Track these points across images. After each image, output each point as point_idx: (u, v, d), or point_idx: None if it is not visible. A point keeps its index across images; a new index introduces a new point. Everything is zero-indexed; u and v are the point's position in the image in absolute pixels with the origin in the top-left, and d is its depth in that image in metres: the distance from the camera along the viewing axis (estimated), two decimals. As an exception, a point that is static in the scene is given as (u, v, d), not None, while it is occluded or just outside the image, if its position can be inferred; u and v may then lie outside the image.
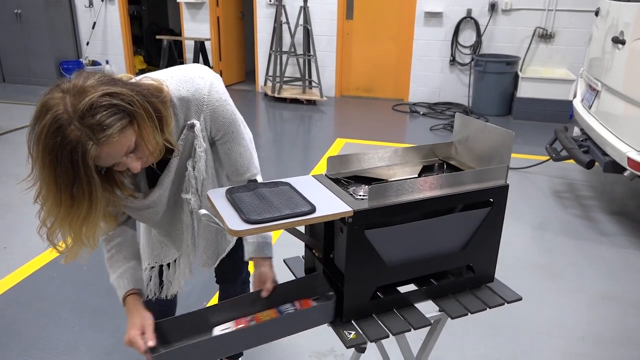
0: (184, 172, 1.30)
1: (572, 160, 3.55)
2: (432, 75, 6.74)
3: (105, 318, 2.38)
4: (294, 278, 1.40)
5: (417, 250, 1.25)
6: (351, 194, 1.23)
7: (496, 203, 1.30)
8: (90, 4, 7.51)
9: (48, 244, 1.14)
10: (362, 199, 1.19)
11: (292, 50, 6.67)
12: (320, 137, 5.36)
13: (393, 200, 1.17)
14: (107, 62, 7.73)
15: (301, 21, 6.53)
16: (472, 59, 6.32)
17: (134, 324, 1.18)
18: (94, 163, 1.01)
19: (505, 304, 1.34)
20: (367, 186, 1.29)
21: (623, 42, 3.18)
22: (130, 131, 1.04)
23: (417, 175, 1.40)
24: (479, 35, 6.33)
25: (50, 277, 2.68)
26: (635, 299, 2.61)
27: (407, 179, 1.36)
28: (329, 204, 1.14)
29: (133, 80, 1.12)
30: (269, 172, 4.38)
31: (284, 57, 6.83)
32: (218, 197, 1.16)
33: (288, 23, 6.70)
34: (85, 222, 1.08)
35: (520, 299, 1.36)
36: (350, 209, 1.12)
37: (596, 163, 3.33)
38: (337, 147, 4.99)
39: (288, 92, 6.84)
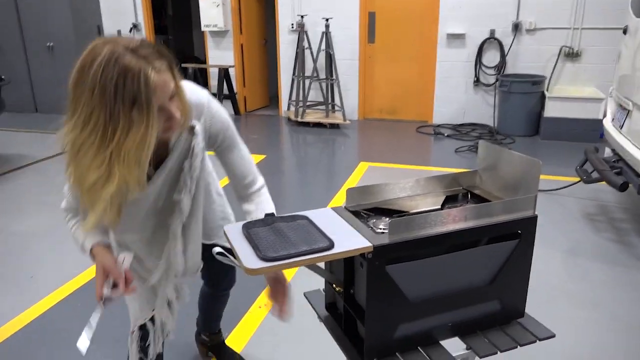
0: (178, 174, 1.30)
1: (604, 182, 3.43)
2: (456, 96, 6.68)
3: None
4: (313, 312, 1.36)
5: (442, 285, 1.20)
6: (371, 228, 1.19)
7: (524, 235, 1.24)
8: (119, 33, 7.74)
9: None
10: (383, 233, 1.15)
11: (315, 75, 6.71)
12: (344, 161, 5.33)
13: (415, 234, 1.12)
14: (134, 90, 7.93)
15: (323, 46, 6.58)
16: (497, 80, 6.25)
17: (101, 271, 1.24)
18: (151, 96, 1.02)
19: (537, 341, 1.27)
20: (387, 219, 1.25)
21: (654, 60, 3.09)
22: (170, 75, 1.08)
23: (440, 206, 1.35)
24: (503, 55, 6.27)
25: (74, 307, 2.69)
26: (677, 329, 2.46)
27: (429, 210, 1.32)
28: (348, 239, 1.11)
29: None
30: (292, 197, 4.37)
31: (307, 81, 6.87)
32: (234, 232, 1.14)
33: (310, 48, 6.76)
34: (138, 149, 1.04)
35: (553, 335, 1.28)
36: (370, 244, 1.08)
37: (630, 185, 3.21)
38: (361, 170, 4.95)
39: (311, 117, 6.86)
